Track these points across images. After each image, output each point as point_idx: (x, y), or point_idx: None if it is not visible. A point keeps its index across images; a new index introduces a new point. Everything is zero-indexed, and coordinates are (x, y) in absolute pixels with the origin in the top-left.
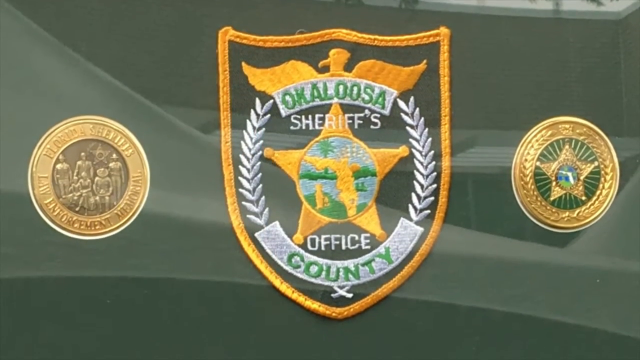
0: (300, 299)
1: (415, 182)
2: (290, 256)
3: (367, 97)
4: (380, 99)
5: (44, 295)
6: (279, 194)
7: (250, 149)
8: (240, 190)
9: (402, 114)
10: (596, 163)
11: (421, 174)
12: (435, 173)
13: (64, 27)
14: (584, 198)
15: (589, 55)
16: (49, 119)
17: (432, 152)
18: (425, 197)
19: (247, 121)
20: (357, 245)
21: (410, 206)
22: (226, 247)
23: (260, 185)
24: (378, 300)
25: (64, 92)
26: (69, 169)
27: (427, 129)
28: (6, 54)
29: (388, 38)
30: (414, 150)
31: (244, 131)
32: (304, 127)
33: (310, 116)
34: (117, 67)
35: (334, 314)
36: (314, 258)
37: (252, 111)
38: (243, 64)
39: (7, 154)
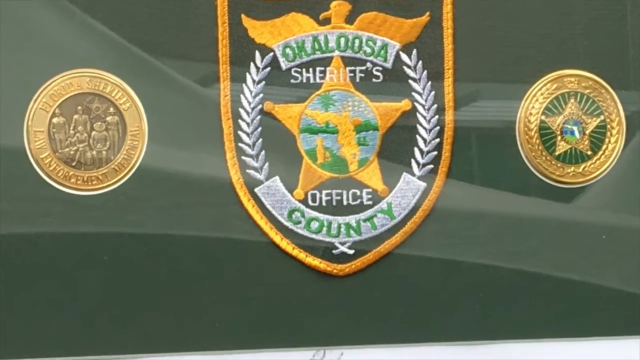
0: (301, 255)
1: (417, 137)
2: (291, 212)
3: (368, 50)
4: (382, 51)
5: (40, 251)
6: (279, 148)
7: (250, 103)
8: (240, 144)
9: (404, 67)
10: (602, 117)
11: (424, 128)
12: (438, 127)
13: None
14: (589, 153)
15: (595, 7)
16: (44, 73)
17: (435, 105)
18: (428, 152)
19: (247, 74)
20: (358, 201)
21: (412, 161)
22: (225, 203)
23: (260, 140)
24: (380, 256)
25: (60, 45)
26: (66, 123)
27: (430, 83)
28: (1, 7)
29: None
30: (416, 104)
31: (244, 84)
32: (304, 81)
33: (311, 69)
34: (114, 20)
35: (335, 271)
36: (314, 214)
37: (252, 64)
38: (242, 16)
39: (2, 108)
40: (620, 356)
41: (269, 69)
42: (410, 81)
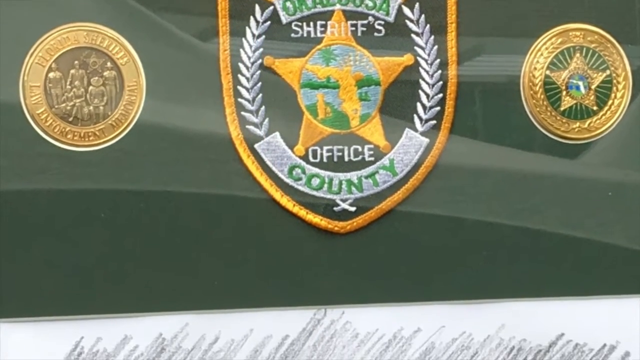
0: (302, 212)
1: (420, 92)
2: (291, 168)
3: (370, 4)
4: (385, 5)
5: (36, 208)
6: (280, 104)
7: (249, 58)
8: (239, 100)
9: (407, 21)
10: (608, 72)
11: (427, 83)
12: (441, 82)
13: None
14: (595, 108)
15: None
16: (40, 26)
17: (438, 60)
18: (430, 107)
19: (247, 28)
20: (360, 157)
21: (415, 116)
22: (225, 159)
23: (260, 95)
24: (382, 213)
25: None
26: (62, 77)
27: (432, 37)
28: None
29: None
30: (419, 59)
31: (243, 39)
32: (305, 35)
33: (311, 23)
34: None
35: (336, 228)
36: (315, 170)
37: (252, 18)
38: None
39: None
40: (626, 315)
41: (269, 22)
42: (413, 35)
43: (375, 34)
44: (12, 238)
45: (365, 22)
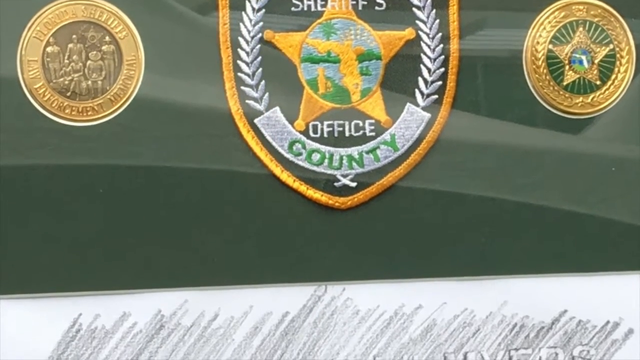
0: (302, 188)
1: (422, 66)
2: (292, 143)
3: None
4: None
5: (34, 183)
6: (280, 78)
7: (249, 31)
8: (239, 74)
9: None
10: (611, 46)
11: (428, 57)
12: (443, 56)
13: None
14: (598, 82)
15: None
16: (38, 0)
17: (440, 34)
18: (432, 82)
19: (247, 2)
20: (361, 132)
21: (416, 91)
22: (224, 134)
23: (260, 69)
24: (383, 189)
25: None
26: (60, 52)
27: (434, 10)
28: None
29: None
30: (420, 33)
31: (243, 12)
32: (305, 9)
33: None
34: None
35: (337, 204)
36: (316, 145)
37: None
38: None
39: None
40: (630, 291)
41: None
42: (414, 9)
43: (376, 7)
44: (10, 214)
45: None
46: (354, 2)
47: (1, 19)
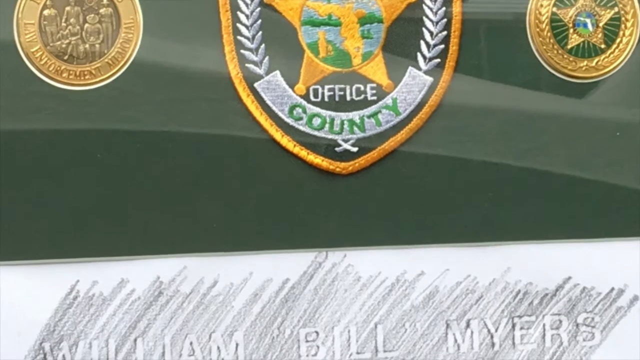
0: (303, 153)
1: (424, 29)
2: (292, 108)
3: None
4: None
5: (30, 148)
6: (280, 41)
7: None
8: (239, 37)
9: None
10: (616, 9)
11: (430, 20)
12: (445, 19)
13: None
14: (603, 46)
15: None
16: None
17: None
18: (434, 45)
19: None
20: (362, 96)
21: (419, 54)
22: (224, 98)
23: (260, 33)
24: (384, 154)
25: None
26: (57, 15)
27: None
28: None
29: None
30: None
31: None
32: None
33: None
34: None
35: (338, 169)
36: (316, 110)
37: None
38: None
39: None
40: (636, 257)
41: None
42: None
43: None
44: (6, 179)
45: None
46: None
47: None
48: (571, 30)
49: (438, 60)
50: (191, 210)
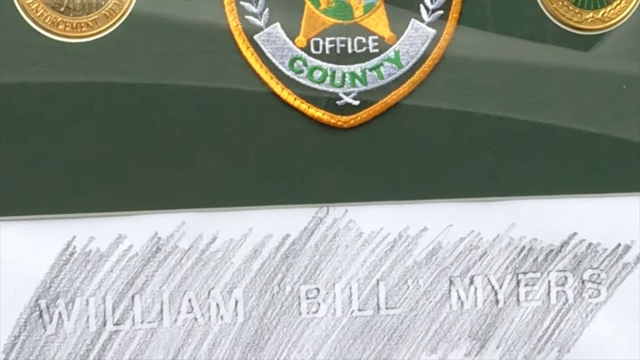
0: (303, 106)
1: None
2: (292, 60)
3: None
4: None
5: (27, 101)
6: None
7: None
8: None
9: None
10: None
11: None
12: None
13: None
14: None
15: None
16: None
17: None
18: None
19: None
20: (364, 49)
21: (421, 6)
22: (223, 50)
23: None
24: (387, 107)
25: None
26: None
27: None
28: None
29: None
30: None
31: None
32: None
33: None
34: None
35: (339, 123)
36: (317, 62)
37: None
38: None
39: None
40: None
41: None
42: None
43: None
44: (1, 133)
45: None
46: None
47: None
48: None
49: (441, 12)
50: (190, 165)
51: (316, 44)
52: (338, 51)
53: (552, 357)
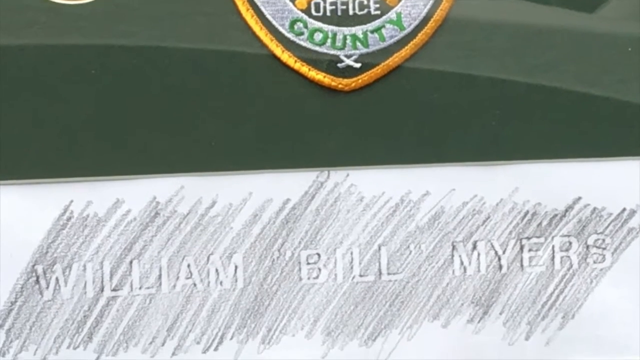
0: (304, 69)
1: None
2: (293, 22)
3: None
4: None
5: (22, 64)
6: None
7: None
8: None
9: None
10: None
11: None
12: None
13: None
14: None
15: None
16: None
17: None
18: None
19: None
20: (365, 10)
21: None
22: (222, 12)
23: None
24: (388, 70)
25: None
26: None
27: None
28: None
29: None
30: None
31: None
32: None
33: None
34: None
35: (340, 86)
36: (318, 24)
37: None
38: None
39: None
40: None
41: None
42: None
43: None
44: None
45: None
46: None
47: None
48: None
49: None
50: (189, 128)
51: (317, 5)
52: (339, 13)
53: (556, 323)
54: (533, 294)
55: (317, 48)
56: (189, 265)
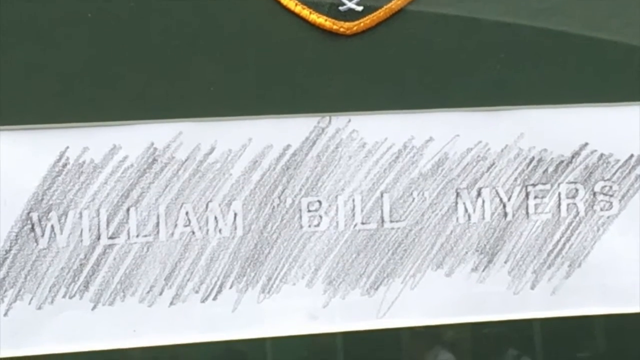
0: (305, 12)
1: None
2: None
3: None
4: None
5: (17, 8)
6: None
7: None
8: None
9: None
10: None
11: None
12: None
13: None
14: None
15: None
16: None
17: None
18: None
19: None
20: None
21: None
22: None
23: None
24: (391, 13)
25: None
26: None
27: None
28: None
29: None
30: None
31: None
32: None
33: None
34: None
35: (341, 29)
36: None
37: None
38: None
39: None
40: None
41: None
42: None
43: None
44: None
45: None
46: None
47: None
48: None
49: None
50: (187, 73)
51: None
52: None
53: (563, 271)
54: (539, 242)
55: None
56: (187, 213)
